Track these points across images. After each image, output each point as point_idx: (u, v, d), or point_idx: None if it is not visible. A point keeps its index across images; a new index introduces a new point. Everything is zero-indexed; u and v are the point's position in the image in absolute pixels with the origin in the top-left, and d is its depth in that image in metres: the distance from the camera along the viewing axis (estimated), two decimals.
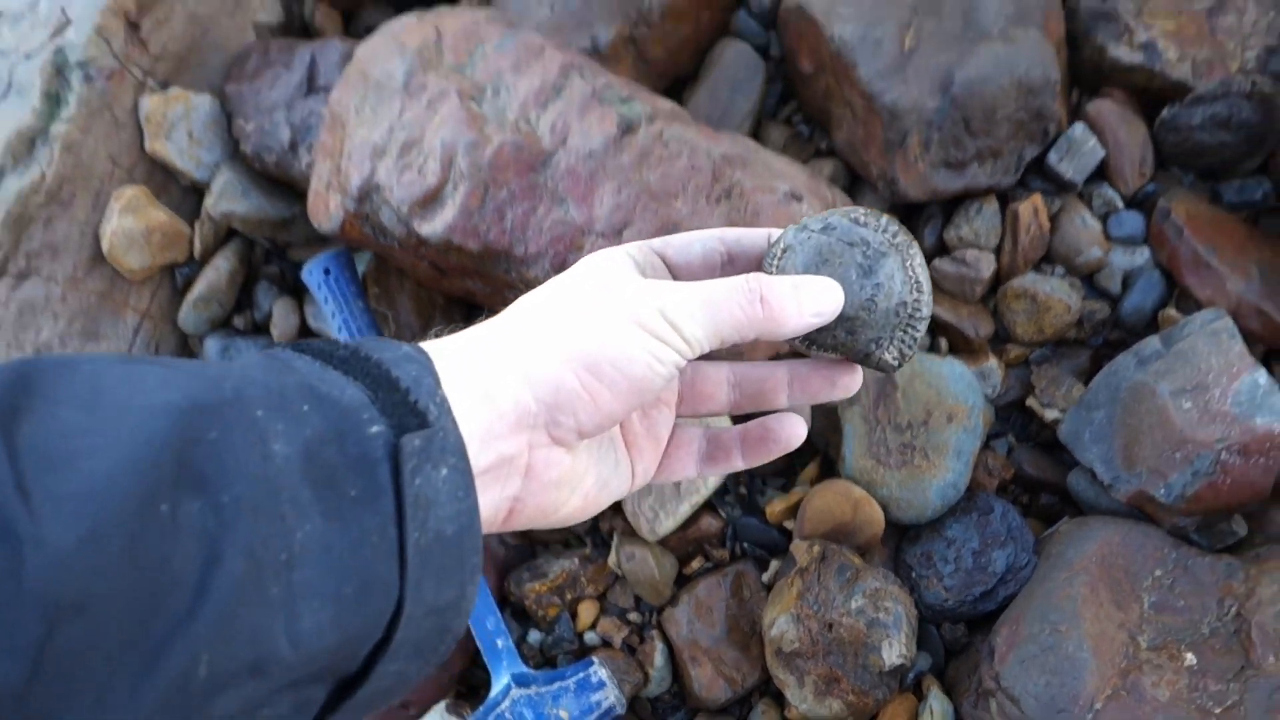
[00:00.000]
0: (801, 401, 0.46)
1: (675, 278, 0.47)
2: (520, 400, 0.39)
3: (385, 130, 0.59)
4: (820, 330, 0.43)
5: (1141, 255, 0.62)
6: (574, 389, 0.39)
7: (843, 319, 0.43)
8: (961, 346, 0.62)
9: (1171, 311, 0.61)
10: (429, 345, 0.40)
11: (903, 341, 0.43)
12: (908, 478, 0.58)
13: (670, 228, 0.55)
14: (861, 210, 0.44)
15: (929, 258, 0.63)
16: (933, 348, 0.63)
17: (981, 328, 0.62)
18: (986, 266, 0.62)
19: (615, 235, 0.59)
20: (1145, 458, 0.55)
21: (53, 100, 0.70)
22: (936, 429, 0.58)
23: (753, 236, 0.46)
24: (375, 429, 0.34)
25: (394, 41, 0.61)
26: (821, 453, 0.62)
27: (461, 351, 0.40)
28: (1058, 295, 0.61)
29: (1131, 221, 0.62)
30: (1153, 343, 0.58)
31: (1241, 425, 0.53)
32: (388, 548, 0.33)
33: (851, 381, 0.46)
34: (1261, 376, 0.54)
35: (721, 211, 0.57)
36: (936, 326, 0.62)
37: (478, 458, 0.37)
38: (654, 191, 0.57)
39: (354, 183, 0.59)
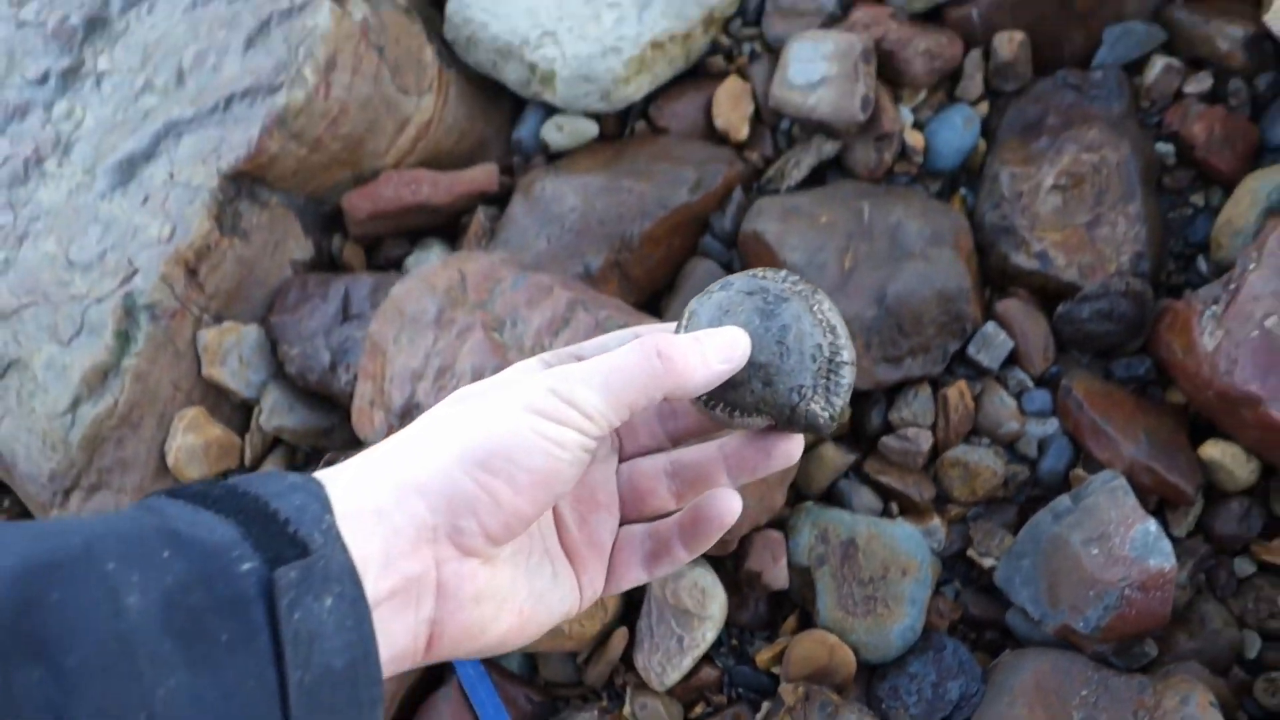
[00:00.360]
0: (742, 479, 0.45)
1: None
2: (415, 513, 0.37)
3: (422, 357, 0.71)
4: (736, 389, 0.42)
5: (1051, 425, 0.75)
6: (469, 491, 0.38)
7: (755, 368, 0.42)
8: (909, 509, 0.74)
9: (1079, 471, 0.73)
10: (324, 472, 0.38)
11: (829, 390, 0.42)
12: (873, 624, 0.69)
13: None
14: (762, 269, 0.44)
15: (875, 437, 0.76)
16: (885, 512, 0.75)
17: (925, 492, 0.74)
18: (925, 441, 0.74)
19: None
20: (1066, 596, 0.67)
21: (123, 338, 0.82)
22: (894, 581, 0.69)
23: (667, 325, 0.45)
24: (247, 566, 0.32)
25: (425, 283, 0.73)
26: (799, 607, 0.73)
27: (354, 472, 0.39)
28: (985, 463, 0.73)
29: (1041, 398, 0.75)
30: (1064, 500, 0.70)
31: (1139, 566, 0.65)
32: (267, 691, 0.31)
33: (788, 447, 0.44)
34: (1152, 525, 0.66)
35: None
36: (888, 493, 0.74)
37: (378, 582, 0.35)
38: None
39: (397, 402, 0.71)
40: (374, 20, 0.86)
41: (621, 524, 0.46)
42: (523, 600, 0.42)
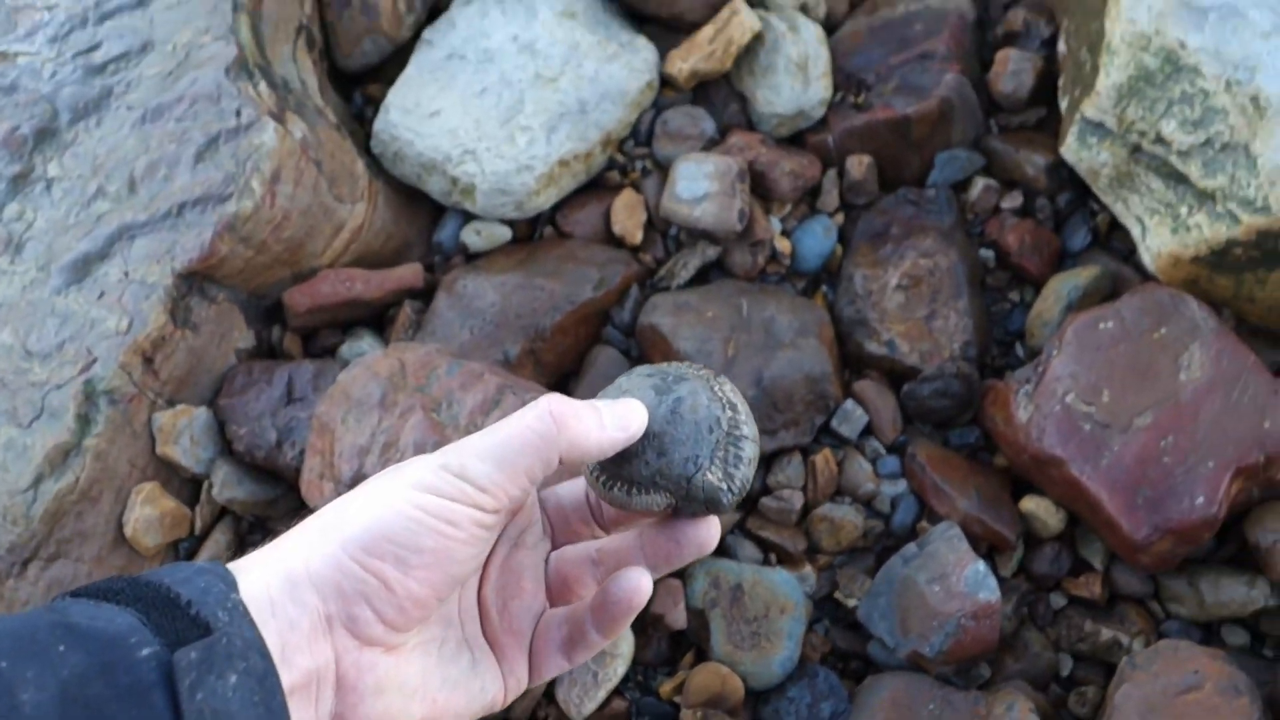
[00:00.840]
0: (660, 568, 0.44)
1: None
2: (308, 604, 0.36)
3: (368, 435, 0.82)
4: (631, 461, 0.42)
5: (901, 485, 0.89)
6: (358, 577, 0.37)
7: (650, 438, 0.42)
8: (786, 559, 0.87)
9: (924, 523, 0.87)
10: (233, 563, 0.38)
11: (726, 461, 0.42)
12: (758, 657, 0.82)
13: None
14: (668, 363, 0.45)
15: (755, 499, 0.89)
16: (765, 561, 0.88)
17: (798, 544, 0.87)
18: (797, 501, 0.88)
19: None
20: (915, 627, 0.81)
21: (84, 420, 0.90)
22: (774, 620, 0.82)
23: None
24: (146, 651, 0.32)
25: (369, 370, 0.84)
26: (695, 645, 0.85)
27: (251, 564, 0.38)
28: (848, 518, 0.87)
29: (892, 463, 0.90)
30: (912, 547, 0.84)
31: (971, 600, 0.80)
32: None
33: (697, 534, 0.43)
34: (981, 566, 0.81)
35: None
36: (767, 546, 0.88)
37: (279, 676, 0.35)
38: None
39: (345, 474, 0.82)
40: (312, 138, 0.97)
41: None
42: (435, 690, 0.41)
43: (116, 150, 0.99)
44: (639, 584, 0.42)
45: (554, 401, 0.40)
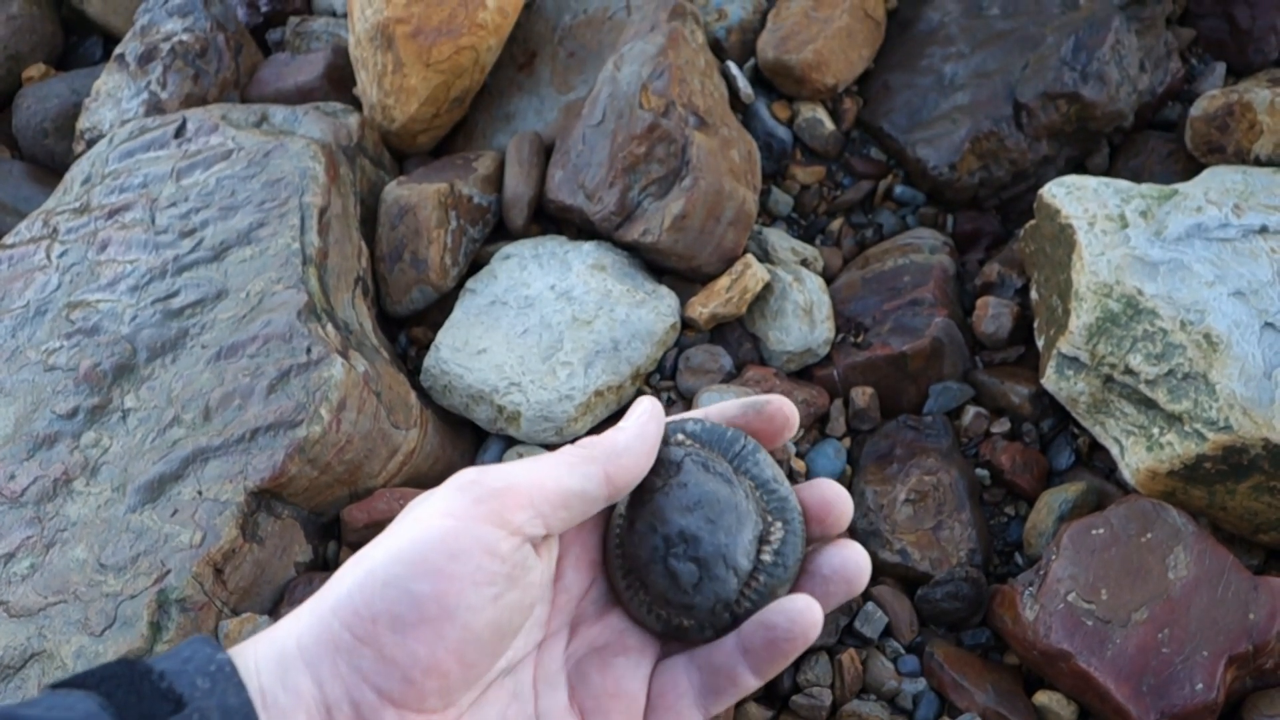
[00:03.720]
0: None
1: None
2: (301, 691, 0.32)
3: None
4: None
5: (921, 683, 0.96)
6: (349, 647, 0.32)
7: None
8: None
9: (946, 718, 0.94)
10: (236, 647, 0.35)
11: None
12: None
13: None
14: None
15: (787, 696, 0.95)
16: None
17: None
18: (827, 698, 0.94)
19: None
20: None
21: (155, 628, 0.96)
22: None
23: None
24: None
25: None
26: None
27: (253, 640, 0.34)
28: (875, 713, 0.93)
29: (911, 662, 0.97)
30: None
31: None
32: None
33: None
34: None
35: None
36: None
37: None
38: None
39: None
40: (372, 371, 1.08)
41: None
42: None
43: (192, 384, 1.09)
44: (810, 615, 0.39)
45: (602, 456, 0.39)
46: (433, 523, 0.34)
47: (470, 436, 1.16)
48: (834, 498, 0.43)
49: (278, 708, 0.31)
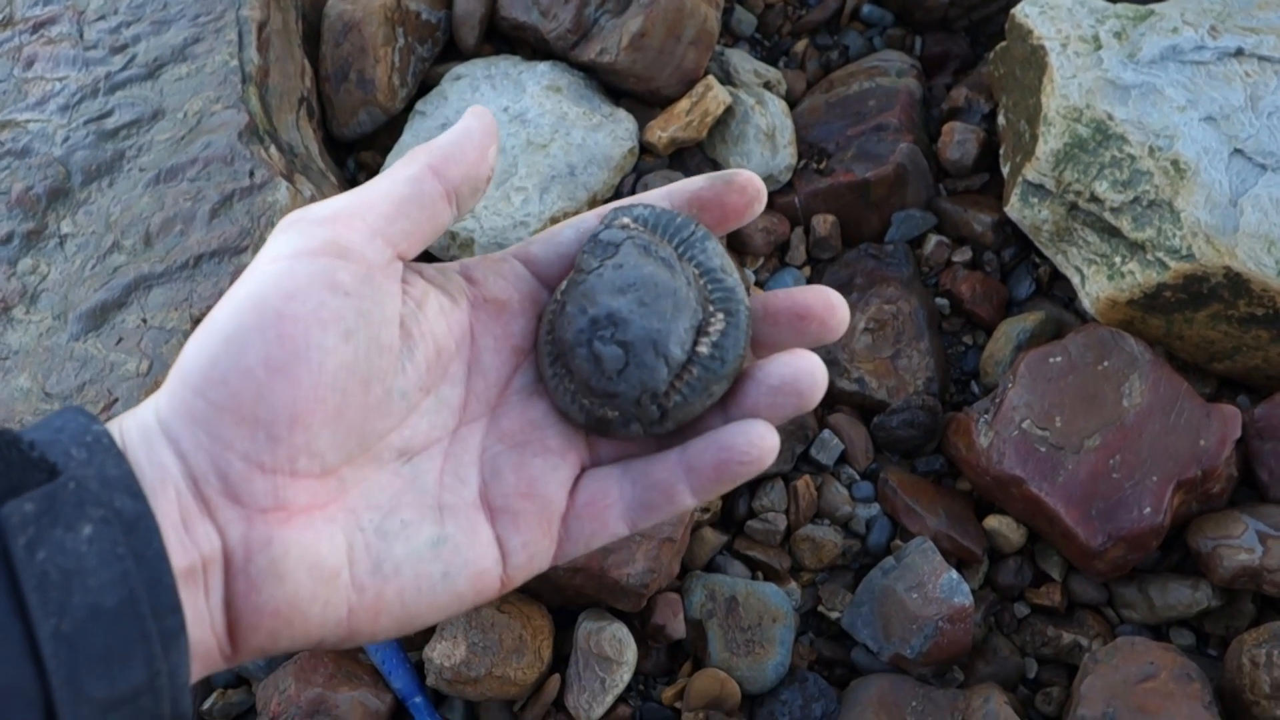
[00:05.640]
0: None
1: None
2: (166, 465, 0.31)
3: None
4: None
5: (874, 508, 0.97)
6: (203, 413, 0.30)
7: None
8: (771, 576, 0.94)
9: (898, 541, 0.95)
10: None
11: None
12: (753, 662, 0.88)
13: None
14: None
15: (742, 521, 0.96)
16: (752, 579, 0.94)
17: (783, 563, 0.94)
18: (781, 523, 0.95)
19: None
20: (896, 631, 0.88)
21: None
22: (767, 628, 0.88)
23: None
24: None
25: None
26: (691, 655, 0.91)
27: (121, 420, 0.32)
28: (828, 538, 0.94)
29: (865, 488, 0.98)
30: (890, 561, 0.91)
31: (947, 604, 0.87)
32: (13, 648, 0.26)
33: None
34: (954, 574, 0.88)
35: None
36: (754, 564, 0.94)
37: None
38: None
39: None
40: (319, 196, 1.04)
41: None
42: (368, 575, 0.34)
43: (131, 208, 1.05)
44: (767, 434, 0.37)
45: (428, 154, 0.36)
46: (263, 269, 0.32)
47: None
48: (814, 300, 0.39)
49: (144, 483, 0.30)
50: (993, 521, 0.93)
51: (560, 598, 0.87)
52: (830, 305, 0.39)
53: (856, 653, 0.91)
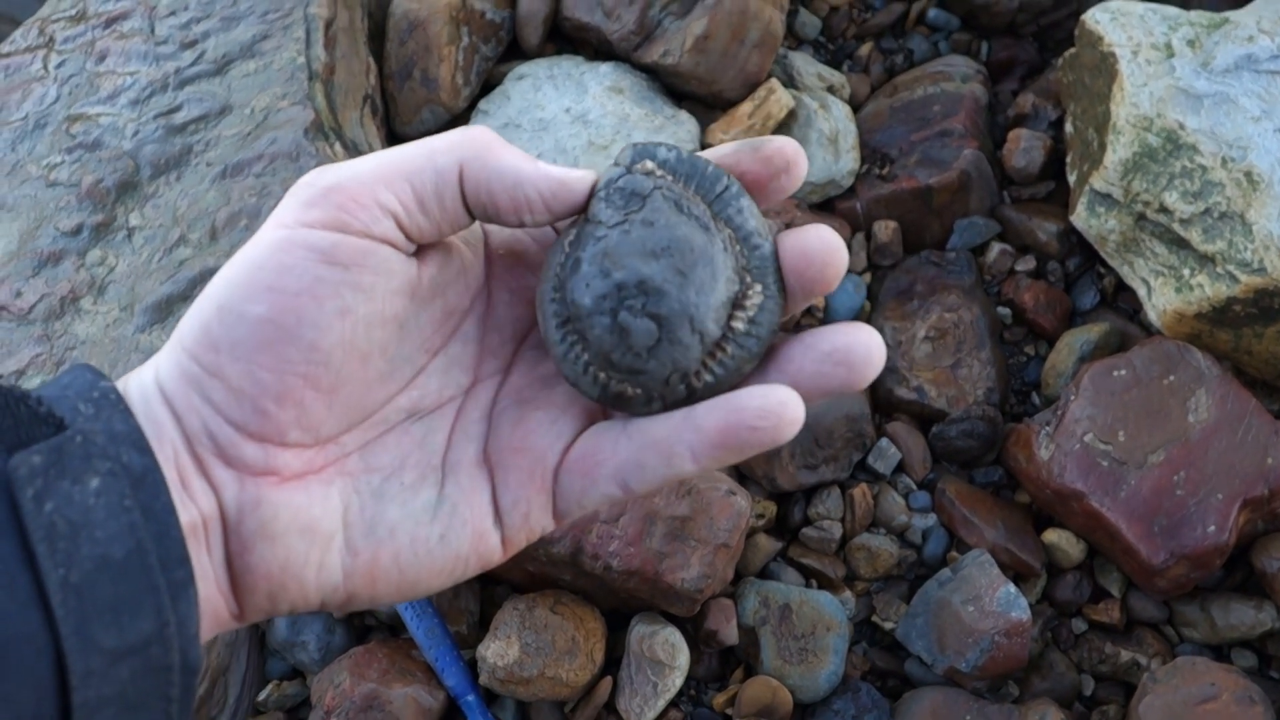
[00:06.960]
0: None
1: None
2: (163, 425, 0.31)
3: None
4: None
5: (931, 519, 0.96)
6: (198, 377, 0.31)
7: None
8: (826, 584, 0.94)
9: (954, 553, 0.94)
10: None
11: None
12: (805, 671, 0.87)
13: None
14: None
15: (797, 529, 0.95)
16: (806, 586, 0.94)
17: (838, 571, 0.94)
18: (836, 531, 0.94)
19: None
20: (951, 644, 0.87)
21: None
22: (820, 636, 0.88)
23: None
24: None
25: None
26: (744, 661, 0.91)
27: (125, 380, 0.32)
28: (884, 547, 0.94)
29: (922, 498, 0.97)
30: (946, 572, 0.91)
31: (1004, 618, 0.86)
32: (20, 599, 0.26)
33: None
34: (1011, 588, 0.87)
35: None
36: (808, 572, 0.94)
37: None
38: None
39: None
40: None
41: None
42: (361, 537, 0.33)
43: (197, 202, 1.06)
44: (790, 401, 0.32)
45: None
46: (264, 237, 0.32)
47: None
48: (817, 245, 0.34)
49: (166, 447, 0.31)
50: (1052, 535, 0.92)
51: (614, 600, 0.87)
52: (825, 243, 0.35)
53: (910, 664, 0.90)
